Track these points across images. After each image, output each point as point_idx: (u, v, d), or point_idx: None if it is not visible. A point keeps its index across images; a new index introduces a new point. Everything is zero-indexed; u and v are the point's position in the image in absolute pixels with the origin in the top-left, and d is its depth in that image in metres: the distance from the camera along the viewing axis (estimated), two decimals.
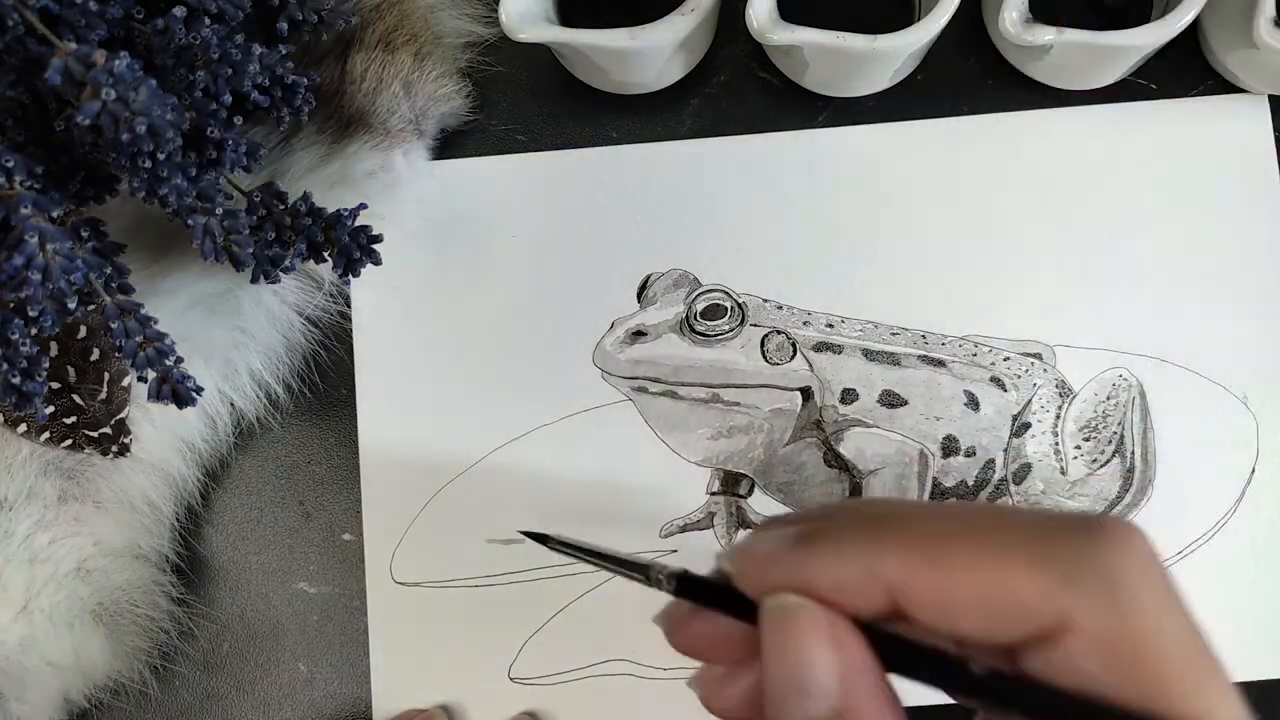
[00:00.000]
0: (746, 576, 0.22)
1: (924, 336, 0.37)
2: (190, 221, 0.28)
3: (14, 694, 0.33)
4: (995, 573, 0.19)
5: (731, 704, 0.23)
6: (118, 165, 0.26)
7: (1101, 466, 0.36)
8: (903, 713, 0.20)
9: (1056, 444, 0.36)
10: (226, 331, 0.35)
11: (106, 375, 0.33)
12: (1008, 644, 0.19)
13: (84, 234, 0.28)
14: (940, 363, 0.36)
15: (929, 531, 0.20)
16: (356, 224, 0.31)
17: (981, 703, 0.19)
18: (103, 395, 0.33)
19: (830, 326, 0.37)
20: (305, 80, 0.30)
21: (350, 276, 0.32)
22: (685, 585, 0.24)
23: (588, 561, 0.28)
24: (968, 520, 0.20)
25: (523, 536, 0.36)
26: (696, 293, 0.37)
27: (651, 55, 0.35)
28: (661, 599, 0.27)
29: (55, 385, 0.32)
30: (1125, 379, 0.36)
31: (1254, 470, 0.36)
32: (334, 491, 0.37)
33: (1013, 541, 0.19)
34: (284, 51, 0.29)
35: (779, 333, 0.37)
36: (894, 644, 0.20)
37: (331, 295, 0.37)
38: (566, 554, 0.30)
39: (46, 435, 0.33)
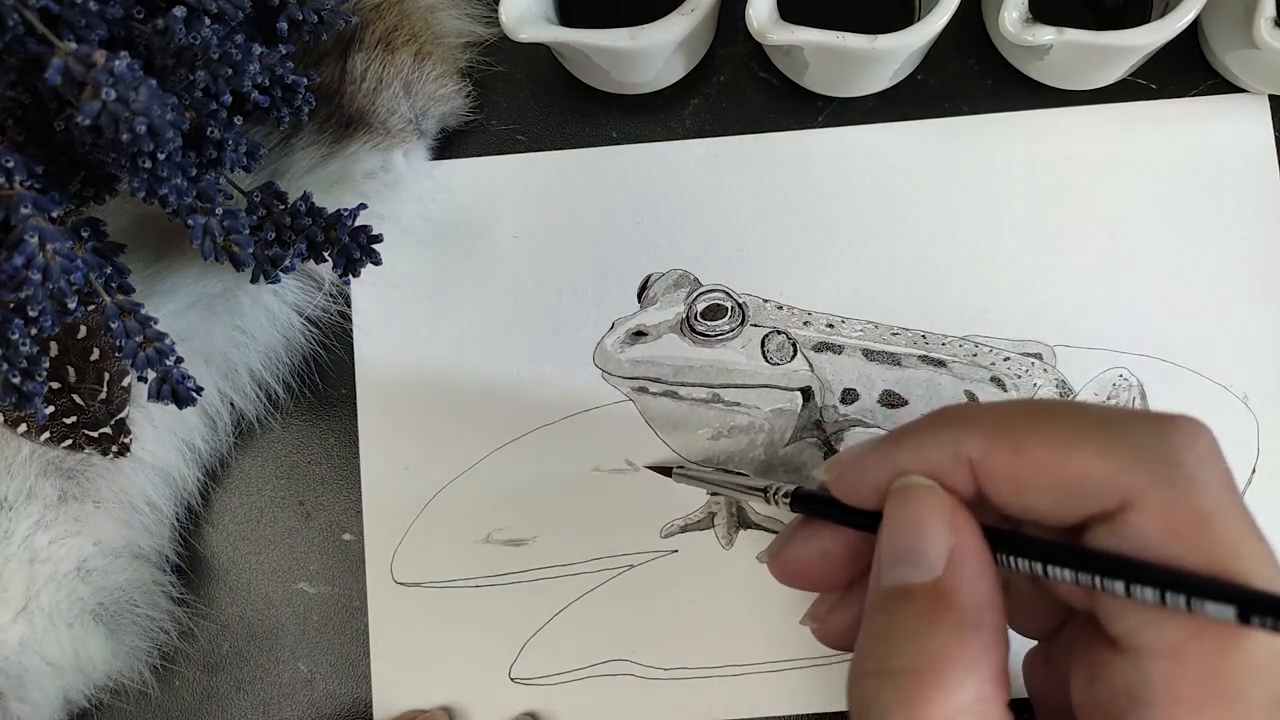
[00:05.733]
0: (841, 482, 0.24)
1: (924, 336, 0.37)
2: (190, 221, 0.28)
3: (14, 694, 0.33)
4: (1067, 452, 0.21)
5: (839, 631, 0.25)
6: (118, 165, 0.26)
7: None
8: (1002, 607, 0.21)
9: None
10: (226, 331, 0.35)
11: (106, 375, 0.33)
12: (1072, 522, 0.21)
13: (84, 234, 0.28)
14: (940, 363, 0.36)
15: (1009, 416, 0.22)
16: (356, 224, 0.31)
17: (1089, 575, 0.20)
18: (103, 395, 0.33)
19: (830, 326, 0.37)
20: (305, 80, 0.30)
21: (350, 276, 0.32)
22: (800, 500, 0.26)
23: (710, 487, 0.33)
24: (1045, 408, 0.22)
25: (525, 537, 0.36)
26: (697, 293, 0.37)
27: (651, 55, 0.34)
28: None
29: (55, 385, 0.32)
30: (1125, 379, 0.36)
31: (1254, 470, 0.36)
32: (334, 491, 0.37)
33: (1084, 426, 0.21)
34: (284, 51, 0.29)
35: (779, 333, 0.37)
36: (1006, 537, 0.22)
37: (331, 295, 0.37)
38: (689, 483, 0.34)
39: (46, 435, 0.33)
